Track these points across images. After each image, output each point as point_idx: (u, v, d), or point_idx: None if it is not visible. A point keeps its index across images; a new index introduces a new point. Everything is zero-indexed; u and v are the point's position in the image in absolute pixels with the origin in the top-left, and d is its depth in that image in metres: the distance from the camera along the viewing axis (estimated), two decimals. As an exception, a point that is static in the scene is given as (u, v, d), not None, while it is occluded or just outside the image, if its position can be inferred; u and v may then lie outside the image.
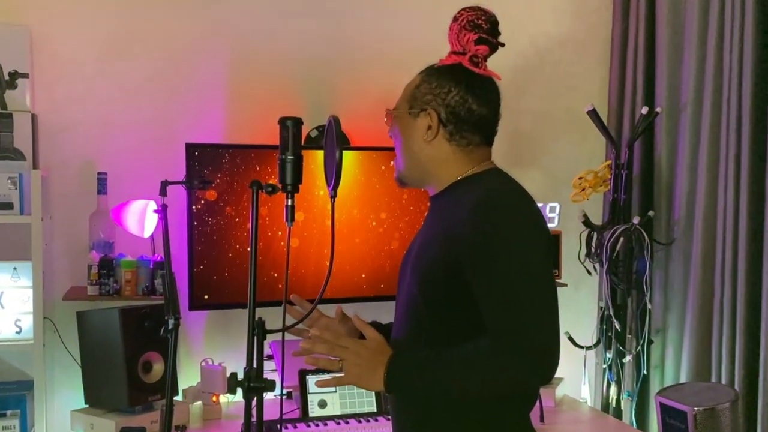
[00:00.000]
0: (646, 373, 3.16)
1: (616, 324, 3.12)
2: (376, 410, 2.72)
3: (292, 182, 1.65)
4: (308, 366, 1.62)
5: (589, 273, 3.22)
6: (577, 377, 3.23)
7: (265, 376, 1.61)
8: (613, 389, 3.23)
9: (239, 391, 1.60)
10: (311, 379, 2.69)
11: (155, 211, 2.33)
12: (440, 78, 1.69)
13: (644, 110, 3.09)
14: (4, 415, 2.61)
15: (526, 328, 1.49)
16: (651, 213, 3.19)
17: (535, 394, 1.75)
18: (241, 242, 2.82)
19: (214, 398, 2.77)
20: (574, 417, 2.95)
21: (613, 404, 3.24)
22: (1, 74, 2.66)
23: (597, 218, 3.32)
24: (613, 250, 3.05)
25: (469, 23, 1.68)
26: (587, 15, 3.46)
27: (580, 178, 3.12)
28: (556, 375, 1.57)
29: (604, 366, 3.25)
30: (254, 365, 1.59)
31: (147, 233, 2.71)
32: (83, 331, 2.63)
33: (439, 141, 1.69)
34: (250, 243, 1.87)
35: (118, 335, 2.53)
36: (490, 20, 1.69)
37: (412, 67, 1.77)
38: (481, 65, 1.69)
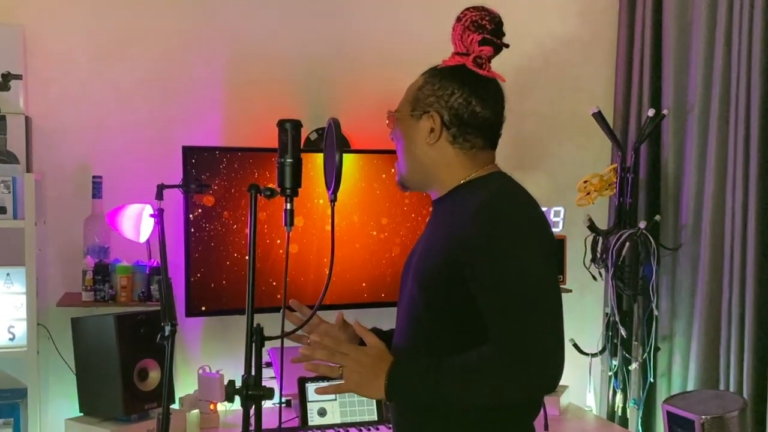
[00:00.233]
0: (652, 380, 3.14)
1: (622, 331, 3.09)
2: (376, 419, 2.70)
3: (291, 186, 1.66)
4: (308, 374, 1.62)
5: (595, 278, 3.19)
6: (583, 385, 3.21)
7: (264, 384, 1.60)
8: (619, 397, 3.20)
9: (237, 399, 1.59)
10: (311, 387, 2.67)
11: (152, 216, 2.32)
12: (443, 79, 1.68)
13: (651, 112, 3.06)
14: (-3, 423, 2.59)
15: (530, 336, 1.49)
16: (657, 217, 3.16)
17: (540, 402, 1.73)
18: (239, 249, 2.80)
19: (212, 406, 2.76)
20: (580, 425, 2.94)
21: (619, 412, 3.22)
22: (-6, 76, 2.63)
23: (602, 223, 3.30)
24: (618, 256, 3.02)
25: (472, 24, 1.67)
26: (593, 15, 3.43)
27: (585, 182, 3.09)
28: (560, 383, 1.57)
29: (610, 373, 3.23)
30: (252, 373, 1.59)
31: (143, 238, 2.68)
32: (78, 338, 2.61)
33: (442, 144, 1.68)
34: (248, 247, 1.87)
35: (113, 342, 2.52)
36: (495, 21, 1.68)
37: (415, 69, 1.75)
38: (485, 66, 1.67)
